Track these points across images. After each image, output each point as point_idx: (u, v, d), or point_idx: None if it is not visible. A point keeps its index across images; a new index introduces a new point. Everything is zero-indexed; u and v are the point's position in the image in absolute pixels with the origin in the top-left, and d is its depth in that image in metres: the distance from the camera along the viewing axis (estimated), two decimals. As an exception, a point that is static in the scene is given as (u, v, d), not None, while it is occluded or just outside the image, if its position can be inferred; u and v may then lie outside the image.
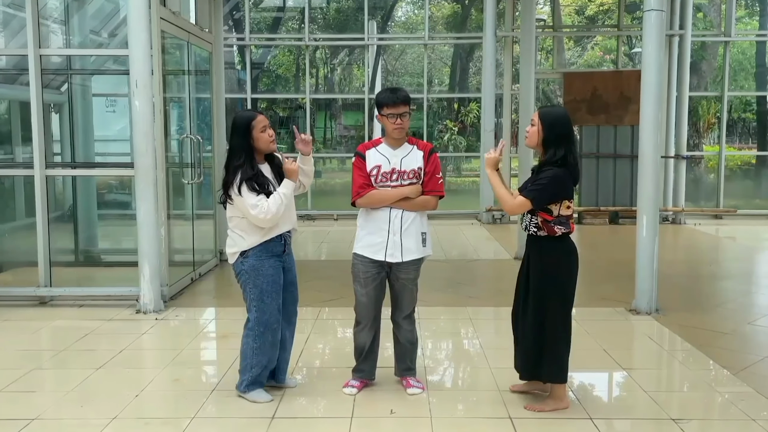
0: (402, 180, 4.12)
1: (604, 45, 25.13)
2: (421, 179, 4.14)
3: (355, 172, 4.16)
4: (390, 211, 4.11)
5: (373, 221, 4.15)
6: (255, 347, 4.11)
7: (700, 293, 7.35)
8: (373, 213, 4.14)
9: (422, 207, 4.16)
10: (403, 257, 4.12)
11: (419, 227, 4.16)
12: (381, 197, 4.10)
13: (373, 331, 4.31)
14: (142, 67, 6.13)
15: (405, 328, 4.32)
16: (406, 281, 4.20)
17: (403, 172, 4.11)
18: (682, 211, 12.66)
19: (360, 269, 4.19)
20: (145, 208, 6.22)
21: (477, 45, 16.07)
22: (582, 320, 6.03)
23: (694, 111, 15.12)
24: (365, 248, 4.17)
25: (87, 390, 4.41)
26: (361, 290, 4.21)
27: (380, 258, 4.13)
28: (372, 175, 4.12)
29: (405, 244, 4.12)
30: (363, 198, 4.12)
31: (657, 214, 6.24)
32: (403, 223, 4.11)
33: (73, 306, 6.53)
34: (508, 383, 4.41)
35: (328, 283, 7.51)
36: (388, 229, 4.11)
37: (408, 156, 4.15)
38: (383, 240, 4.11)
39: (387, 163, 4.13)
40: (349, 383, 4.38)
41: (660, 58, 6.12)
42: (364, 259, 4.17)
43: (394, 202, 4.10)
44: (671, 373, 4.95)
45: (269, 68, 23.23)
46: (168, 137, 7.53)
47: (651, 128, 6.10)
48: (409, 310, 4.30)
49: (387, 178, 4.11)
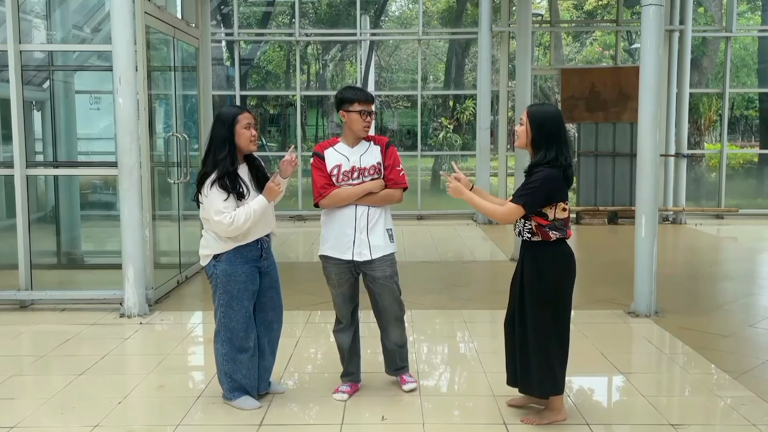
0: (363, 177, 4.17)
1: (603, 40, 25.19)
2: (382, 174, 4.20)
3: (315, 172, 4.18)
4: (356, 209, 4.16)
5: (338, 221, 4.18)
6: (224, 353, 4.10)
7: (700, 295, 7.37)
8: (338, 212, 4.17)
9: (387, 200, 4.22)
10: (372, 255, 4.16)
11: (384, 224, 4.22)
12: (345, 195, 4.13)
13: (352, 330, 4.36)
14: (126, 63, 6.11)
15: (393, 331, 4.33)
16: (383, 280, 4.20)
17: (364, 169, 4.17)
18: (682, 211, 12.69)
19: (332, 271, 4.23)
20: (129, 208, 6.20)
21: (473, 40, 16.09)
22: (579, 323, 6.04)
23: (694, 108, 15.16)
24: (332, 249, 4.20)
25: (69, 397, 4.38)
26: (335, 291, 4.27)
27: (348, 257, 4.16)
28: (333, 174, 4.16)
29: (372, 241, 4.16)
30: (326, 198, 4.15)
31: (656, 213, 6.25)
32: (369, 220, 4.16)
33: (55, 310, 6.50)
34: (503, 388, 4.39)
35: (319, 285, 7.41)
36: (355, 227, 4.15)
37: (366, 153, 4.21)
38: (350, 239, 4.15)
39: (347, 161, 4.17)
40: (339, 389, 4.39)
41: (659, 54, 6.13)
42: (332, 260, 4.21)
43: (358, 198, 4.14)
44: (671, 377, 4.96)
45: (259, 64, 23.20)
46: (153, 135, 7.51)
47: (650, 126, 6.11)
48: (396, 312, 4.29)
49: (348, 177, 4.16)
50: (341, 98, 4.18)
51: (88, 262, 9.10)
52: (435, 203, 13.82)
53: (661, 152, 11.78)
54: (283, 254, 9.98)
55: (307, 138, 22.37)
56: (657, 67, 6.10)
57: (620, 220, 12.40)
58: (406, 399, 4.30)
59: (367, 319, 4.82)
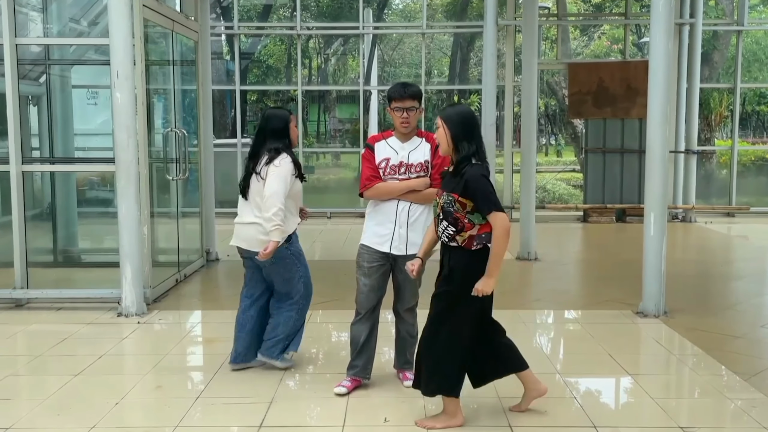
0: (410, 173, 4.31)
1: (612, 34, 25.14)
2: (429, 172, 4.31)
3: (364, 163, 4.37)
4: (398, 204, 4.31)
5: (380, 213, 4.35)
6: (296, 318, 4.78)
7: (710, 295, 7.36)
8: (381, 205, 4.34)
9: (429, 200, 4.30)
10: (407, 250, 4.29)
11: (425, 221, 4.32)
12: (388, 189, 4.30)
13: (369, 324, 4.44)
14: (124, 57, 6.11)
15: (406, 320, 4.50)
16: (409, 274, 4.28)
17: (411, 166, 4.30)
18: (692, 209, 12.67)
19: (365, 258, 4.37)
20: (126, 205, 6.21)
21: (478, 34, 16.06)
22: (586, 323, 6.04)
23: (705, 104, 15.11)
24: (371, 239, 4.36)
25: (65, 398, 4.38)
26: (364, 279, 4.38)
27: (386, 250, 4.32)
28: (380, 167, 4.32)
29: (410, 237, 4.30)
30: (370, 190, 4.32)
31: (665, 211, 6.24)
32: (410, 216, 4.31)
33: (51, 309, 6.51)
34: (508, 390, 4.39)
35: (321, 284, 7.42)
36: (395, 222, 4.30)
37: (416, 149, 4.34)
38: (389, 232, 4.31)
39: (395, 155, 4.32)
40: (340, 383, 4.47)
41: (669, 48, 6.12)
42: (370, 250, 4.36)
43: (401, 194, 4.28)
44: (680, 378, 4.95)
45: (259, 58, 23.20)
46: (151, 131, 7.52)
47: (659, 122, 6.10)
48: (411, 303, 4.47)
49: (395, 171, 4.31)
50: (387, 95, 4.39)
51: (85, 260, 9.12)
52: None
53: (671, 149, 11.74)
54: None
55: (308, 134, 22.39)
56: (667, 62, 6.09)
57: (628, 219, 12.38)
58: (409, 401, 4.29)
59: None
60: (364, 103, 14.54)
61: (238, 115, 13.51)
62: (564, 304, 6.86)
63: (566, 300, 7.10)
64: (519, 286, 7.72)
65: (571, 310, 6.66)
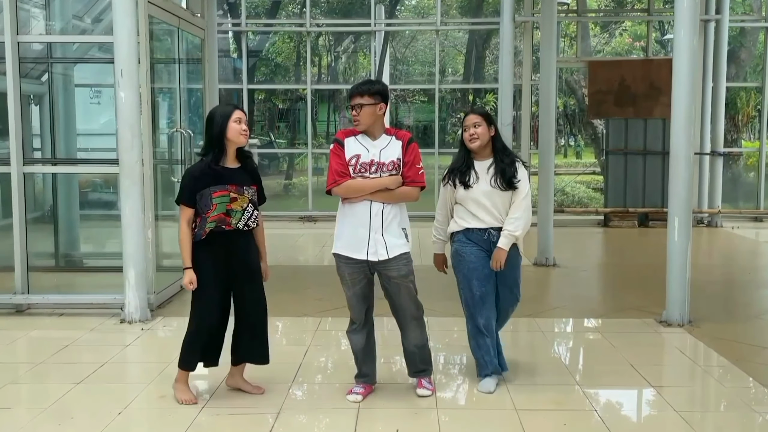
0: (381, 172, 4.25)
1: (633, 31, 25.06)
2: (400, 170, 4.28)
3: (333, 159, 4.30)
4: (370, 208, 4.23)
5: (352, 217, 4.26)
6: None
7: (737, 303, 7.31)
8: (352, 208, 4.26)
9: (403, 198, 4.30)
10: (389, 253, 4.23)
11: (399, 222, 4.29)
12: (359, 186, 4.22)
13: (366, 331, 4.45)
14: (128, 55, 6.15)
15: (413, 331, 4.43)
16: (398, 279, 4.28)
17: (382, 164, 4.25)
18: (718, 213, 12.60)
19: (344, 270, 4.31)
20: (130, 208, 6.23)
21: (494, 31, 16.06)
22: (607, 333, 6.01)
23: (731, 103, 15.05)
24: (346, 247, 4.28)
25: (66, 406, 4.40)
26: (349, 291, 4.36)
27: (362, 257, 4.23)
28: (350, 164, 4.25)
29: (389, 240, 4.24)
30: (340, 186, 4.24)
31: (690, 216, 6.21)
32: (384, 219, 4.24)
33: (53, 315, 6.55)
34: (524, 402, 4.39)
35: (331, 290, 7.45)
36: (369, 227, 4.22)
37: (387, 147, 4.30)
38: (365, 238, 4.22)
39: (366, 153, 4.26)
40: (352, 390, 4.48)
41: (694, 45, 6.09)
42: (345, 259, 4.28)
43: (372, 192, 4.21)
44: (705, 391, 4.92)
45: (267, 56, 23.29)
46: (156, 131, 7.54)
47: (683, 122, 6.07)
48: (413, 311, 4.39)
49: (366, 169, 4.24)
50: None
51: (88, 264, 9.15)
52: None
53: (696, 150, 11.67)
54: (292, 257, 10.00)
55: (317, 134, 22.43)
56: (691, 60, 6.06)
57: (651, 223, 12.31)
58: (422, 411, 4.29)
59: (381, 327, 4.81)
60: (375, 103, 14.52)
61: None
62: (584, 312, 6.83)
63: (586, 308, 7.07)
64: (536, 292, 7.69)
65: (591, 318, 6.63)
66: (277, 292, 7.22)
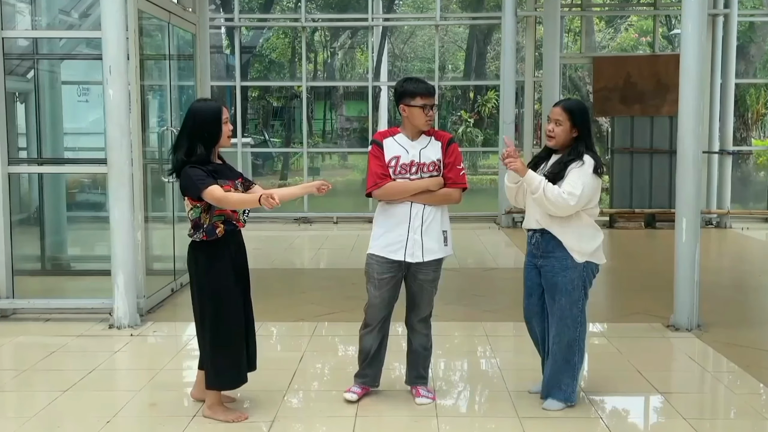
0: (422, 173, 4.28)
1: (640, 26, 25.09)
2: (441, 171, 4.31)
3: (372, 161, 4.32)
4: (411, 208, 4.27)
5: (391, 218, 4.30)
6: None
7: (747, 307, 7.31)
8: (392, 209, 4.29)
9: (444, 200, 4.33)
10: (424, 257, 4.27)
11: (441, 225, 4.32)
12: (400, 189, 4.25)
13: (381, 335, 4.45)
14: (117, 51, 6.13)
15: (420, 332, 4.48)
16: (424, 282, 4.35)
17: (423, 165, 4.28)
18: (727, 214, 12.60)
19: (375, 270, 4.32)
20: (119, 209, 6.22)
21: (495, 26, 16.06)
22: (613, 337, 6.00)
23: (741, 100, 15.07)
24: (383, 248, 4.31)
25: (52, 415, 4.39)
26: (375, 292, 4.35)
27: (399, 258, 4.27)
28: (390, 166, 4.28)
29: (426, 243, 4.27)
30: (380, 189, 4.26)
31: (698, 217, 6.21)
32: (424, 220, 4.28)
33: (39, 320, 6.53)
34: (529, 409, 4.38)
35: (327, 294, 7.48)
36: (408, 227, 4.26)
37: (427, 147, 4.32)
38: (403, 239, 4.26)
39: (406, 154, 4.29)
40: (350, 389, 4.50)
41: (702, 41, 6.09)
42: (380, 260, 4.30)
43: (414, 195, 4.24)
44: (715, 397, 4.92)
45: (261, 52, 23.29)
46: (146, 130, 7.53)
47: (691, 120, 6.07)
48: (425, 313, 4.46)
49: (406, 171, 4.27)
50: (403, 91, 4.30)
51: (75, 268, 9.14)
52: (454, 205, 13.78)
53: (704, 149, 11.68)
54: (287, 260, 9.99)
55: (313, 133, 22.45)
56: (699, 55, 6.06)
57: (658, 224, 12.31)
58: (422, 419, 4.28)
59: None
60: (373, 100, 14.55)
61: (239, 112, 13.54)
62: (589, 317, 6.76)
63: (591, 312, 6.94)
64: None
65: (596, 323, 6.61)
66: (271, 296, 7.26)
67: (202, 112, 4.15)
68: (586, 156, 4.21)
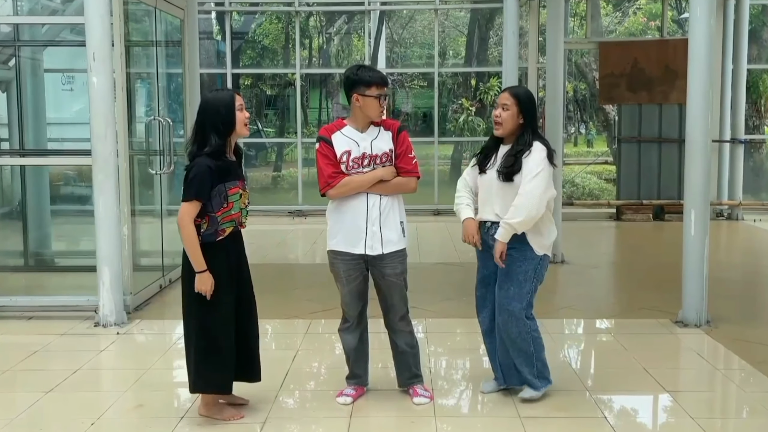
0: (375, 165, 4.30)
1: (648, 9, 25.05)
2: (393, 161, 4.33)
3: (321, 160, 4.30)
4: (367, 199, 4.29)
5: (348, 212, 4.31)
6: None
7: (759, 302, 7.32)
8: (347, 203, 4.31)
9: (400, 189, 4.35)
10: (383, 249, 4.29)
11: (398, 216, 4.35)
12: (356, 184, 4.27)
13: (359, 330, 4.52)
14: (101, 37, 6.11)
15: (403, 330, 4.49)
16: (392, 277, 4.36)
17: (375, 156, 4.30)
18: (738, 205, 12.60)
19: (340, 267, 4.36)
20: (104, 202, 6.21)
21: (497, 10, 16.04)
22: (619, 334, 6.01)
23: (753, 87, 15.03)
24: (342, 243, 4.33)
25: (35, 417, 4.39)
26: (345, 288, 4.40)
27: (359, 251, 4.30)
28: (342, 162, 4.28)
29: (385, 235, 4.31)
30: (336, 187, 4.27)
31: (707, 208, 6.21)
32: (382, 211, 4.30)
33: (21, 318, 6.53)
34: (530, 410, 4.38)
35: (322, 290, 7.46)
36: (366, 219, 4.28)
37: (377, 138, 4.34)
38: (362, 231, 4.28)
39: (357, 147, 4.29)
40: (343, 392, 4.53)
41: (712, 25, 6.08)
42: (343, 256, 4.34)
43: (370, 186, 4.26)
44: (724, 396, 4.93)
45: (253, 38, 23.23)
46: (133, 120, 7.52)
47: (700, 108, 6.06)
48: (402, 311, 4.47)
49: (359, 164, 4.28)
50: (357, 80, 4.26)
51: (59, 264, 9.15)
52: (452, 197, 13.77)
53: (714, 138, 11.69)
54: (282, 255, 9.99)
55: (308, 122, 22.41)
56: (709, 40, 6.05)
57: (667, 216, 12.32)
58: (419, 421, 4.28)
59: (378, 329, 4.80)
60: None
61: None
62: (594, 313, 6.83)
63: (597, 308, 7.07)
64: (544, 291, 7.59)
65: (602, 318, 6.63)
66: (265, 293, 7.21)
67: (213, 102, 4.13)
68: (536, 143, 4.37)
